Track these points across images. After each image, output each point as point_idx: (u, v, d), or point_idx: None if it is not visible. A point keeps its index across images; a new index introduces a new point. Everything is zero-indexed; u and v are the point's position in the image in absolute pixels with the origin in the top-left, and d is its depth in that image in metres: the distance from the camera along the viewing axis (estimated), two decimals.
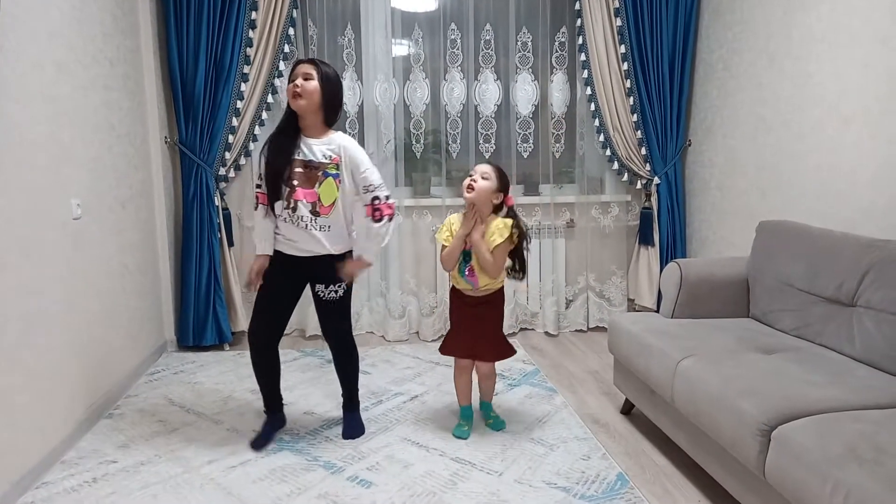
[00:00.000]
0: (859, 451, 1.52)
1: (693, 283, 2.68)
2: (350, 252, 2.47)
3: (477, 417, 2.72)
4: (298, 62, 2.36)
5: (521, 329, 4.06)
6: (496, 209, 2.48)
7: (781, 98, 3.02)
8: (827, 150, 2.74)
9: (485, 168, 2.44)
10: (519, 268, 2.53)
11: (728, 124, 3.49)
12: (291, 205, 2.34)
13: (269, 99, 3.57)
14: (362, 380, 3.18)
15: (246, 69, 3.48)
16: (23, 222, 2.18)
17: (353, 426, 2.61)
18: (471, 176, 2.44)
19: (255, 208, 2.45)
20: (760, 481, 1.79)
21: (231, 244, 3.68)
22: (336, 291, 2.45)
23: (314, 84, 2.29)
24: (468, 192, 2.41)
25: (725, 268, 2.77)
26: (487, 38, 3.82)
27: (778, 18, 3.03)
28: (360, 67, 3.76)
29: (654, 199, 3.89)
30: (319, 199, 2.34)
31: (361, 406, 2.87)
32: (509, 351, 2.59)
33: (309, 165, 2.33)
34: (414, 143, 3.86)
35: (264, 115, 3.59)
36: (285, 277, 2.45)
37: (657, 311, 3.79)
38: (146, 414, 2.79)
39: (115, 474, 2.29)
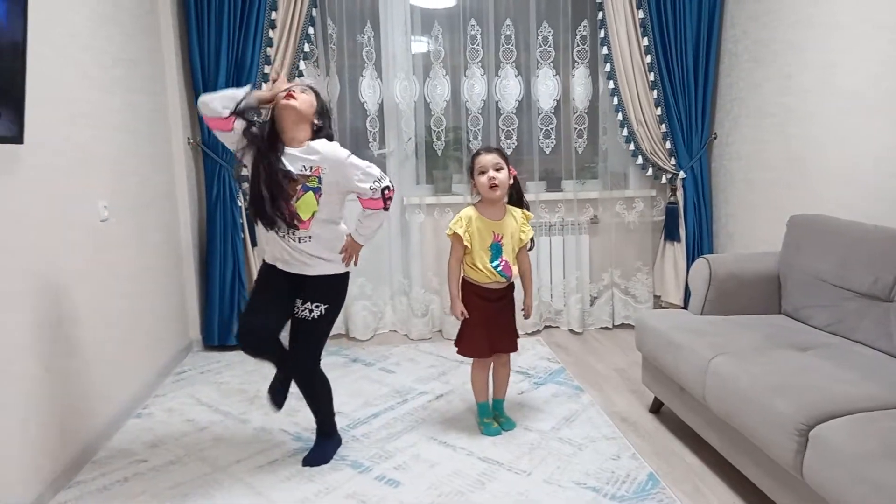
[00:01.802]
0: None
1: (722, 280, 2.63)
2: (340, 275, 2.31)
3: (509, 415, 2.70)
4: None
5: (546, 327, 4.02)
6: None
7: (808, 88, 2.96)
8: (854, 141, 2.68)
9: (494, 158, 2.41)
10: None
11: (755, 116, 3.42)
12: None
13: None
14: (387, 379, 3.20)
15: (266, 69, 3.49)
16: (50, 225, 2.20)
17: (314, 452, 2.39)
18: (484, 173, 2.41)
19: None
20: (797, 481, 1.75)
21: (255, 244, 3.69)
22: (311, 311, 2.24)
23: (308, 97, 2.23)
24: (494, 190, 2.40)
25: (755, 263, 2.72)
26: (508, 33, 3.79)
27: (804, 7, 2.96)
28: (380, 65, 3.75)
29: (679, 193, 3.83)
30: (297, 213, 2.16)
31: (386, 406, 2.87)
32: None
33: (287, 177, 2.14)
34: (435, 140, 3.84)
35: None
36: (280, 281, 2.27)
37: (684, 308, 3.76)
38: (174, 413, 2.81)
39: (146, 473, 2.30)
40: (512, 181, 2.48)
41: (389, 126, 3.81)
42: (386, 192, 2.22)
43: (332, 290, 2.29)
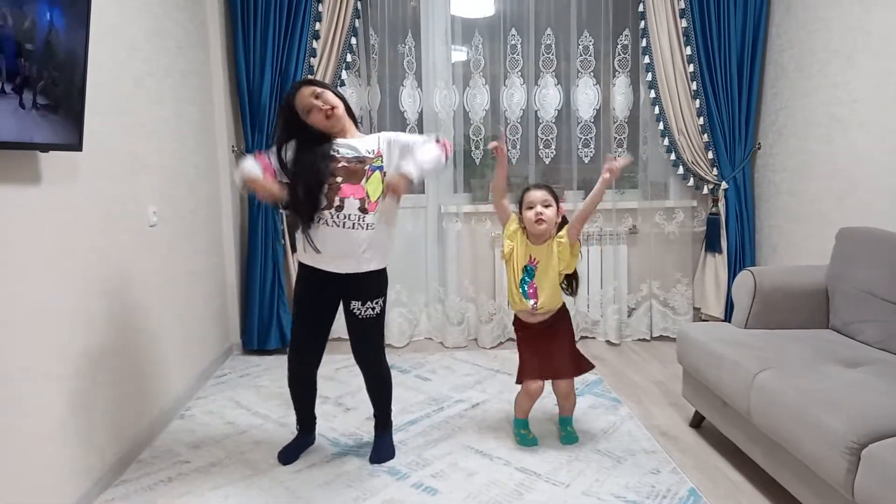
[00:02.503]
0: None
1: (767, 293, 2.58)
2: (384, 270, 2.35)
3: (546, 427, 2.69)
4: (293, 94, 2.23)
5: (582, 337, 3.99)
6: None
7: (859, 98, 2.89)
8: None
9: (542, 195, 2.41)
10: (574, 284, 2.58)
11: (800, 126, 3.35)
12: (336, 203, 2.15)
13: None
14: (423, 387, 3.21)
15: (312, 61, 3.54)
16: (105, 228, 2.27)
17: (382, 449, 2.48)
18: (531, 208, 2.40)
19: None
20: (847, 501, 1.70)
21: (294, 250, 3.74)
22: (373, 308, 2.32)
23: (329, 94, 2.24)
24: (540, 225, 2.39)
25: (802, 276, 2.66)
26: (548, 42, 3.79)
27: (856, 15, 2.90)
28: (420, 75, 3.78)
29: (721, 204, 3.77)
30: (367, 195, 2.19)
31: (422, 413, 2.88)
32: (586, 365, 2.57)
33: (352, 161, 2.20)
34: (473, 149, 3.85)
35: None
36: (321, 293, 2.32)
37: (725, 321, 3.69)
38: (215, 415, 2.86)
39: (189, 474, 2.35)
40: (560, 220, 2.47)
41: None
42: (443, 139, 2.31)
43: (384, 282, 2.37)
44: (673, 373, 3.34)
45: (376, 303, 2.32)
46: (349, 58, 3.61)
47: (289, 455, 2.45)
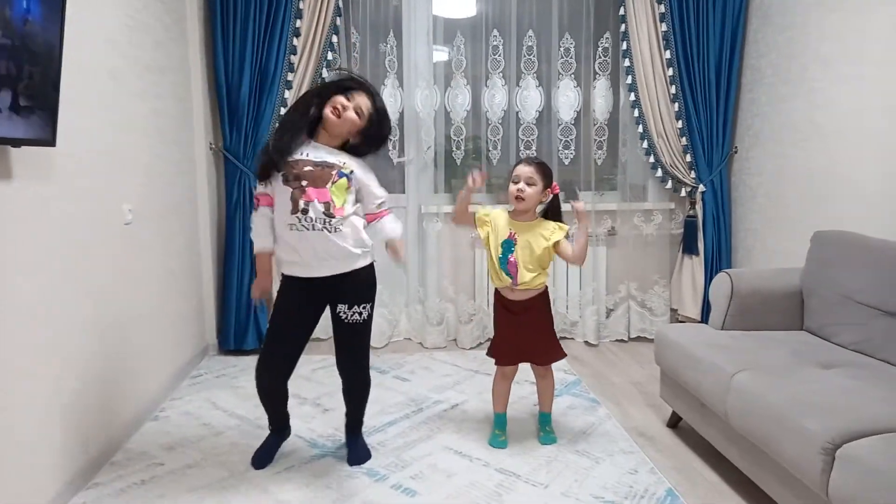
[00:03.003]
0: None
1: (744, 295, 2.61)
2: (372, 265, 2.29)
3: (526, 427, 2.69)
4: (353, 85, 2.20)
5: (561, 338, 3.98)
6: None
7: (837, 104, 2.94)
8: (885, 158, 2.65)
9: (529, 172, 2.39)
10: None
11: (777, 131, 3.40)
12: (302, 206, 2.09)
13: None
14: (402, 387, 3.20)
15: (290, 76, 3.51)
16: (79, 226, 2.22)
17: (359, 450, 2.46)
18: (515, 183, 2.40)
19: (255, 210, 2.24)
20: (822, 501, 1.72)
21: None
22: (360, 313, 2.24)
23: (358, 116, 2.18)
24: (518, 202, 2.39)
25: (778, 279, 2.69)
26: (530, 44, 3.80)
27: (833, 22, 2.95)
28: (402, 74, 3.77)
29: (698, 207, 3.81)
30: (332, 200, 2.12)
31: (401, 414, 2.87)
32: (560, 353, 2.57)
33: (321, 165, 2.13)
34: (454, 149, 3.85)
35: None
36: (302, 302, 2.24)
37: (701, 322, 3.73)
38: (191, 417, 2.82)
39: (163, 476, 2.31)
40: (552, 198, 2.46)
41: (409, 134, 3.82)
42: (382, 207, 2.32)
43: (372, 285, 2.30)
44: (650, 373, 3.37)
45: (363, 307, 2.25)
46: (330, 56, 3.58)
47: (263, 457, 2.40)
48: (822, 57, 3.02)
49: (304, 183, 2.10)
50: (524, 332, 2.50)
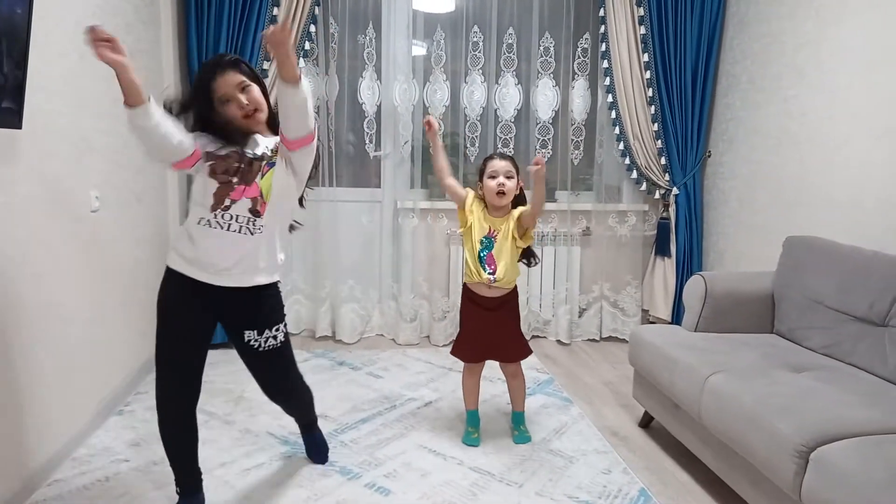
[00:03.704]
0: None
1: (718, 297, 2.64)
2: (277, 284, 1.99)
3: (499, 426, 2.68)
4: (213, 72, 1.81)
5: (534, 336, 4.01)
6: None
7: (809, 112, 2.99)
8: (856, 166, 2.71)
9: (506, 166, 2.39)
10: (532, 258, 2.55)
11: (750, 137, 3.45)
12: (225, 203, 1.81)
13: None
14: (375, 384, 3.16)
15: (266, 65, 3.43)
16: (44, 212, 2.14)
17: (320, 446, 2.37)
18: (494, 178, 2.38)
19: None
20: (794, 502, 1.75)
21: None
22: (275, 336, 1.95)
23: (257, 89, 1.87)
24: (500, 197, 2.38)
25: (751, 282, 2.73)
26: (510, 41, 3.78)
27: (808, 31, 3.00)
28: (380, 67, 3.72)
29: (672, 209, 3.85)
30: (261, 194, 1.85)
31: (374, 411, 2.84)
32: (528, 350, 2.58)
33: (251, 159, 1.86)
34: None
35: None
36: (196, 309, 1.87)
37: (672, 323, 3.78)
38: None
39: (128, 473, 2.24)
40: (518, 192, 2.45)
41: (387, 128, 3.77)
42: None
43: (280, 303, 2.01)
44: (622, 373, 3.39)
45: (276, 329, 1.96)
46: (307, 46, 3.52)
47: None
48: (796, 65, 3.07)
49: (234, 180, 1.82)
50: (492, 329, 2.49)
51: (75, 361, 2.38)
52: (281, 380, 2.07)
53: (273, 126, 1.95)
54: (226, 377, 3.14)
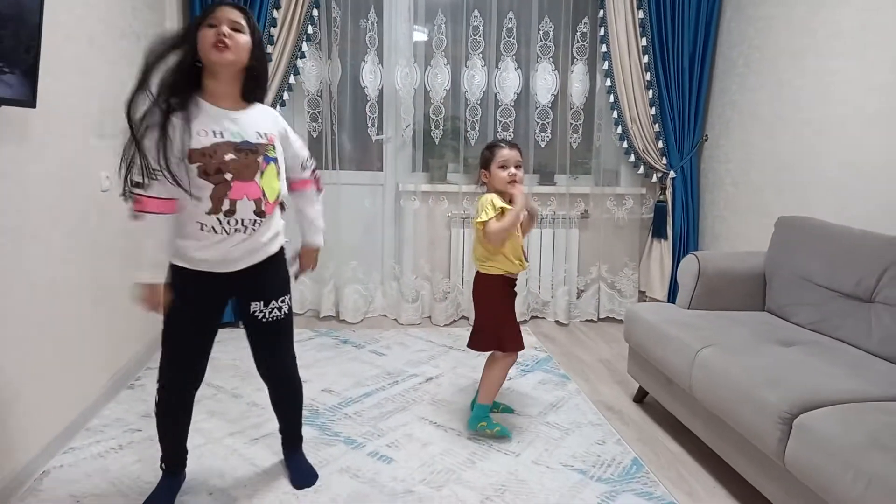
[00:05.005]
0: (882, 440, 1.56)
1: (711, 276, 2.71)
2: (283, 249, 1.94)
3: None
4: (218, 4, 1.69)
5: (533, 317, 4.10)
6: None
7: (803, 95, 3.05)
8: (849, 148, 2.77)
9: (516, 155, 2.35)
10: None
11: (746, 120, 3.51)
12: (226, 207, 1.69)
13: (292, 80, 3.58)
14: (377, 361, 3.25)
15: (269, 49, 3.49)
16: (55, 191, 2.20)
17: (303, 470, 2.15)
18: (505, 168, 2.32)
19: (134, 217, 1.70)
20: (779, 468, 1.83)
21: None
22: (279, 308, 1.91)
23: (245, 38, 1.69)
24: (512, 186, 2.32)
25: (743, 261, 2.81)
26: (510, 26, 3.83)
27: (802, 15, 3.05)
28: (382, 51, 3.77)
29: (668, 192, 3.91)
30: (264, 195, 1.74)
31: (377, 386, 2.92)
32: None
33: (244, 150, 1.70)
34: (433, 128, 3.87)
35: (286, 95, 3.59)
36: (204, 297, 1.82)
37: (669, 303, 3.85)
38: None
39: (140, 442, 2.33)
40: None
41: (388, 112, 3.83)
42: (316, 171, 2.02)
43: (286, 271, 1.97)
44: (618, 352, 3.48)
45: (282, 301, 1.91)
46: (310, 30, 3.57)
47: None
48: (791, 49, 3.12)
49: (228, 177, 1.68)
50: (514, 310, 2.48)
51: (88, 336, 2.47)
52: (277, 354, 2.00)
53: (246, 96, 1.78)
54: (232, 354, 3.22)
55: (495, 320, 2.41)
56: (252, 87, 1.78)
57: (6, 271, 1.92)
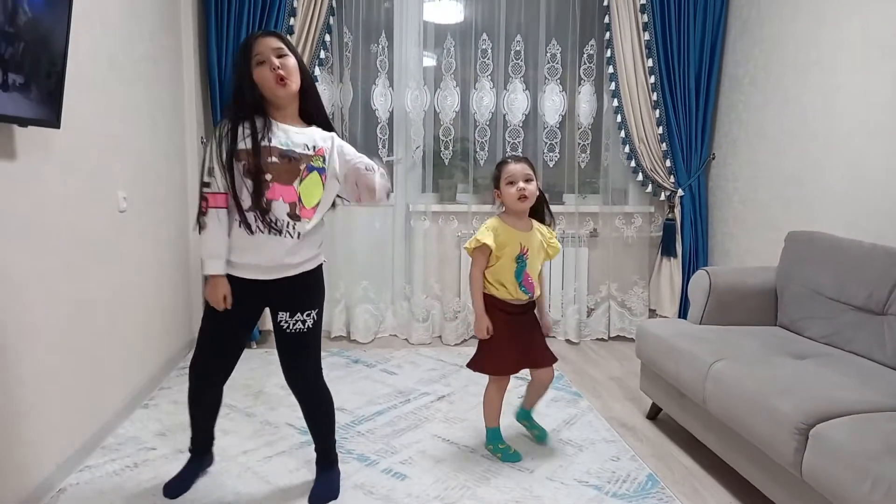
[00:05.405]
0: None
1: (722, 291, 2.72)
2: (321, 266, 2.03)
3: (504, 419, 2.76)
4: (254, 37, 1.86)
5: None
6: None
7: (809, 111, 3.08)
8: (854, 162, 2.79)
9: (525, 169, 2.28)
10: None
11: (753, 138, 3.54)
12: (263, 205, 1.82)
13: None
14: (389, 380, 3.25)
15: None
16: (75, 209, 2.25)
17: (326, 486, 2.13)
18: (513, 183, 2.26)
19: (203, 214, 1.85)
20: (796, 479, 1.82)
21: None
22: (303, 321, 1.97)
23: (293, 60, 1.86)
24: (523, 202, 2.27)
25: (754, 276, 2.82)
26: (517, 48, 3.90)
27: (807, 33, 3.09)
28: (392, 74, 3.84)
29: (677, 210, 3.94)
30: (300, 200, 1.87)
31: (389, 404, 2.92)
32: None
33: (287, 156, 1.85)
34: (442, 149, 3.93)
35: None
36: (240, 307, 1.93)
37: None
38: (180, 405, 2.83)
39: (155, 460, 2.33)
40: (538, 193, 2.34)
41: (399, 134, 3.89)
42: (382, 171, 2.00)
43: (319, 289, 2.05)
44: (630, 370, 3.47)
45: (308, 315, 1.97)
46: (322, 54, 3.64)
47: (178, 486, 2.11)
48: (797, 66, 3.16)
49: (267, 177, 1.82)
50: (525, 334, 2.38)
51: (106, 355, 2.49)
52: (298, 365, 2.04)
53: (305, 118, 1.96)
54: (245, 374, 3.24)
55: (485, 341, 2.36)
56: (306, 106, 1.95)
57: (27, 287, 1.95)
